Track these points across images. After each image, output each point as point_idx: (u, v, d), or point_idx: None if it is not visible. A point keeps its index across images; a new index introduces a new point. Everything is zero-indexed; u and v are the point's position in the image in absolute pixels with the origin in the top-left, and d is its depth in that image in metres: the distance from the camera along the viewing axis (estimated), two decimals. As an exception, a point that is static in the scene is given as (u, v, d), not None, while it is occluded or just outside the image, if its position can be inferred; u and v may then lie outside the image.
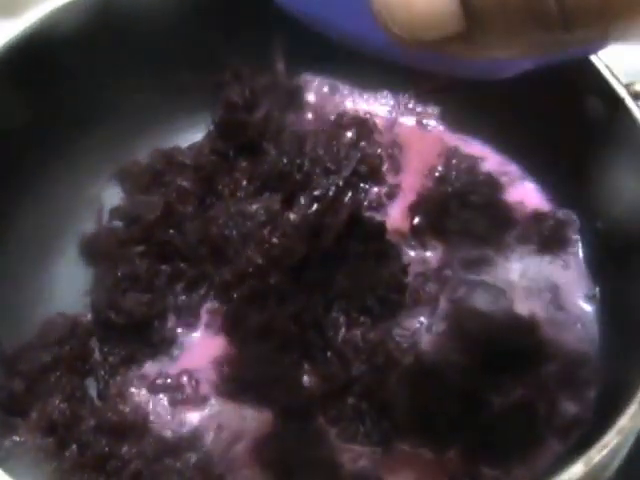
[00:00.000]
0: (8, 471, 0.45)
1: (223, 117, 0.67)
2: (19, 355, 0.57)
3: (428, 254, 0.62)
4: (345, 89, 0.69)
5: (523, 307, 0.58)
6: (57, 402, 0.55)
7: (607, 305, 0.58)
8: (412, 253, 0.62)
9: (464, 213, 0.62)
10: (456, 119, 0.68)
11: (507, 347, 0.55)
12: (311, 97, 0.68)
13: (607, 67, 0.56)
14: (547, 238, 0.62)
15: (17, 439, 0.53)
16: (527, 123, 0.63)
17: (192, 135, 0.69)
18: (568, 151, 0.61)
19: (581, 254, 0.61)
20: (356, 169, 0.63)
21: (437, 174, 0.65)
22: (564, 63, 0.33)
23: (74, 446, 0.53)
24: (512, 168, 0.65)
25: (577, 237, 0.62)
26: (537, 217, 0.63)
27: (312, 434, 0.55)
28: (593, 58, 0.56)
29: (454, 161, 0.65)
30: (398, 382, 0.56)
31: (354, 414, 0.56)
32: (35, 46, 0.58)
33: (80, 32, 0.59)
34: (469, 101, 0.65)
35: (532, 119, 0.62)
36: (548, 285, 0.60)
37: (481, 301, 0.57)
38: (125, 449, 0.53)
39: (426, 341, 0.57)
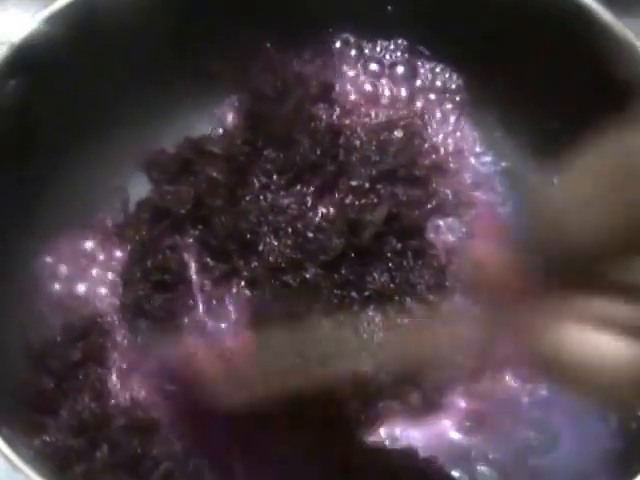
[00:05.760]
0: (37, 471, 0.43)
1: (252, 108, 0.65)
2: (47, 350, 0.55)
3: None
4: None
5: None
6: (87, 400, 0.53)
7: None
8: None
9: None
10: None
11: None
12: (345, 87, 0.66)
13: None
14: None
15: (47, 439, 0.51)
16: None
17: (220, 123, 0.66)
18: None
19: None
20: (396, 163, 0.61)
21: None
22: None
23: (105, 446, 0.52)
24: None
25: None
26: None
27: (343, 438, 0.54)
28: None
29: None
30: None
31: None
32: (61, 33, 0.56)
33: (105, 16, 0.57)
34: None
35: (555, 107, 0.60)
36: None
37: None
38: (156, 450, 0.52)
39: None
